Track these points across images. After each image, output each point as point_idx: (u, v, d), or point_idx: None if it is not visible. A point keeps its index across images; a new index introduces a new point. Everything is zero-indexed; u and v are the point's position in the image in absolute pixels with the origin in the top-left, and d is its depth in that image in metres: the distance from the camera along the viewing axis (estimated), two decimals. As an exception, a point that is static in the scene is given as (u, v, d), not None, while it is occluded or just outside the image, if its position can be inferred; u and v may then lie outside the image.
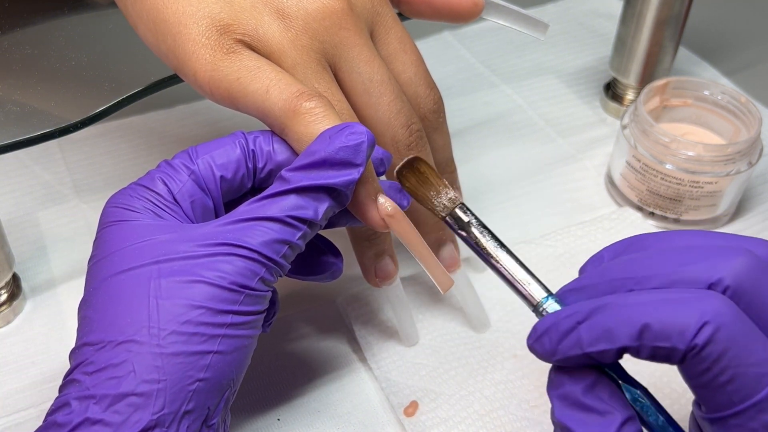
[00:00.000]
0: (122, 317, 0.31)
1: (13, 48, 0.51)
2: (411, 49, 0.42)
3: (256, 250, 0.33)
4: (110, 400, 0.30)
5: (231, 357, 0.32)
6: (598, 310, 0.30)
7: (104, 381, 0.30)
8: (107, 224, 0.34)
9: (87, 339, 0.32)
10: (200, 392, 0.31)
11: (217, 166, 0.36)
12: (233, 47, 0.37)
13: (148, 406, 0.30)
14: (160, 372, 0.30)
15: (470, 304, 0.45)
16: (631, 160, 0.52)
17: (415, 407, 0.42)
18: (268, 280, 0.33)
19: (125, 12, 0.40)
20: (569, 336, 0.30)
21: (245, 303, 0.32)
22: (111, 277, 0.32)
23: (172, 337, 0.31)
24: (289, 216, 0.33)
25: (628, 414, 0.30)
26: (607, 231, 0.51)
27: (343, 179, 0.34)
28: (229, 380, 0.32)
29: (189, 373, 0.31)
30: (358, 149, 0.34)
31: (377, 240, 0.41)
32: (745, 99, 0.53)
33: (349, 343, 0.46)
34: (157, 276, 0.32)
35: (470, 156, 0.58)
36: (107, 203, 0.35)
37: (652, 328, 0.28)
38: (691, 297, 0.29)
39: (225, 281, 0.32)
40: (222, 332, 0.32)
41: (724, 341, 0.28)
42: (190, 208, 0.35)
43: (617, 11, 0.60)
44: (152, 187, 0.35)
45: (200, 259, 0.32)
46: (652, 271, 0.31)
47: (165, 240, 0.33)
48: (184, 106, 0.61)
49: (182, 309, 0.31)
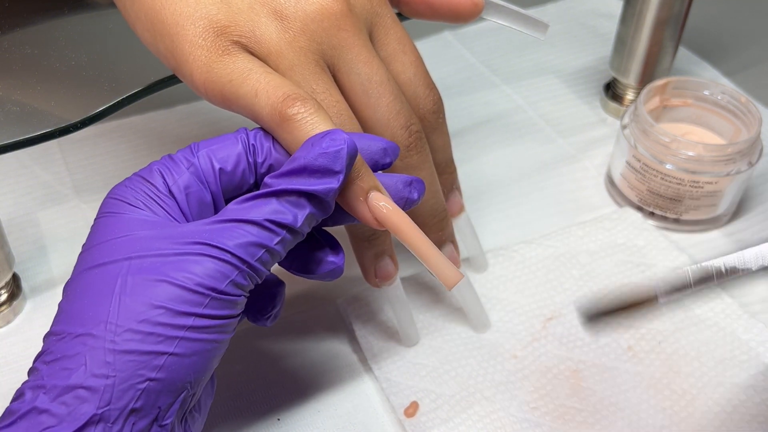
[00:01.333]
0: (86, 310, 0.31)
1: (13, 48, 0.51)
2: (410, 50, 0.42)
3: (229, 251, 0.32)
4: (59, 390, 0.30)
5: (189, 360, 0.32)
6: None
7: (57, 371, 0.31)
8: (100, 215, 0.35)
9: (53, 328, 0.32)
10: (150, 392, 0.31)
11: (217, 159, 0.36)
12: (229, 49, 0.37)
13: (94, 400, 0.30)
14: (110, 368, 0.30)
15: (470, 305, 0.45)
16: (631, 160, 0.52)
17: (416, 408, 0.42)
18: (240, 284, 0.33)
19: (124, 12, 0.40)
20: None
21: (211, 306, 0.32)
22: (86, 270, 0.33)
23: (127, 335, 0.31)
24: (267, 220, 0.33)
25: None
26: (608, 231, 0.51)
27: (323, 187, 0.34)
28: (186, 383, 0.32)
29: (140, 371, 0.31)
30: (336, 156, 0.34)
31: (377, 240, 0.41)
32: (745, 99, 0.53)
33: (349, 343, 0.46)
34: (126, 272, 0.32)
35: (470, 156, 0.58)
36: (108, 193, 0.35)
37: None
38: None
39: (191, 282, 0.32)
40: (181, 334, 0.31)
41: None
42: (185, 201, 0.35)
43: (617, 11, 0.60)
44: (149, 178, 0.35)
45: (170, 257, 0.32)
46: None
47: (143, 236, 0.33)
48: (184, 106, 0.61)
49: (142, 307, 0.31)
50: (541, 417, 0.41)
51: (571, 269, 0.49)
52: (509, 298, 0.47)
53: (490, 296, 0.47)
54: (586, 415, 0.42)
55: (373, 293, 0.47)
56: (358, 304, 0.47)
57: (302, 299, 0.48)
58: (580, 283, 0.48)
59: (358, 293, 0.47)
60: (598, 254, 0.50)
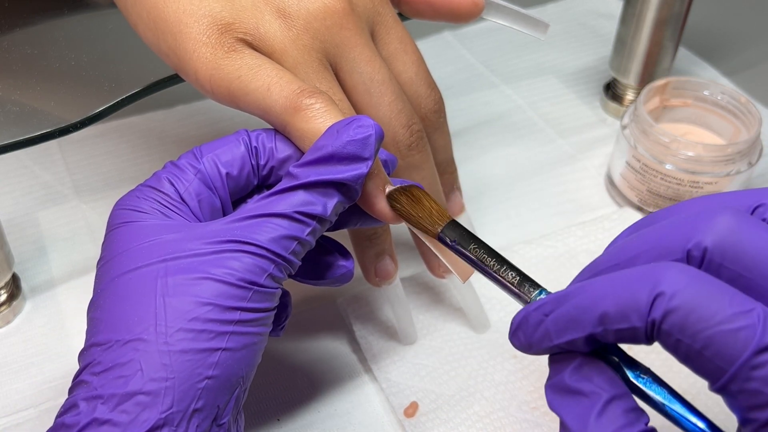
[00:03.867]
0: (129, 316, 0.31)
1: (13, 48, 0.51)
2: (412, 50, 0.42)
3: (264, 247, 0.32)
4: (118, 399, 0.30)
5: (240, 354, 0.32)
6: (562, 299, 0.29)
7: (111, 380, 0.30)
8: (115, 226, 0.34)
9: (95, 339, 0.31)
10: (209, 390, 0.31)
11: (222, 163, 0.36)
12: (234, 46, 0.37)
13: (156, 405, 0.30)
14: (168, 370, 0.30)
15: (470, 305, 0.45)
16: (631, 160, 0.52)
17: (415, 408, 0.42)
18: (277, 276, 0.33)
19: (125, 12, 0.40)
20: (539, 329, 0.30)
21: (254, 300, 0.32)
22: (118, 277, 0.32)
23: (179, 335, 0.30)
24: (297, 212, 0.33)
25: (616, 392, 0.28)
26: (608, 231, 0.51)
27: (352, 173, 0.34)
28: (239, 377, 0.32)
29: (198, 370, 0.30)
30: (366, 142, 0.34)
31: (377, 240, 0.41)
32: (745, 99, 0.53)
33: (349, 343, 0.46)
34: (164, 274, 0.31)
35: (470, 156, 0.58)
36: (115, 206, 0.35)
37: (610, 311, 0.27)
38: (641, 271, 0.27)
39: (233, 278, 0.32)
40: (230, 329, 0.31)
41: (684, 308, 0.26)
42: (198, 207, 0.35)
43: (617, 11, 0.60)
44: (159, 187, 0.35)
45: (207, 257, 0.32)
46: (633, 252, 0.30)
47: (172, 239, 0.33)
48: (184, 106, 0.61)
49: (190, 306, 0.31)
50: (541, 417, 0.41)
51: (571, 269, 0.49)
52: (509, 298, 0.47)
53: (490, 296, 0.47)
54: (586, 415, 0.42)
55: (373, 293, 0.47)
56: (358, 304, 0.47)
57: (302, 299, 0.48)
58: (580, 283, 0.48)
59: (357, 293, 0.47)
60: (598, 254, 0.50)
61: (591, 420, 0.28)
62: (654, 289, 0.27)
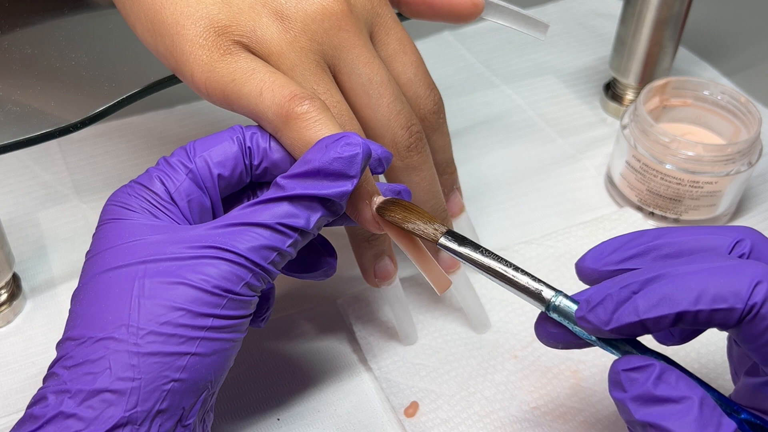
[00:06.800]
0: (104, 314, 0.32)
1: (13, 48, 0.51)
2: (411, 50, 0.42)
3: (243, 255, 0.33)
4: (85, 395, 0.30)
5: (210, 359, 0.32)
6: (653, 280, 0.31)
7: (81, 376, 0.31)
8: (104, 221, 0.35)
9: (70, 333, 0.32)
10: (175, 392, 0.31)
11: (215, 164, 0.36)
12: (230, 48, 0.37)
13: (121, 403, 0.30)
14: (135, 371, 0.31)
15: (470, 305, 0.45)
16: (631, 160, 0.52)
17: (416, 408, 0.42)
18: (254, 285, 0.33)
19: (123, 13, 0.40)
20: (625, 305, 0.31)
21: (228, 307, 0.32)
22: (99, 274, 0.33)
23: (150, 337, 0.31)
24: (279, 223, 0.33)
25: (702, 392, 0.30)
26: (608, 231, 0.51)
27: (337, 190, 0.34)
28: (207, 382, 0.33)
29: (164, 373, 0.31)
30: (352, 161, 0.34)
31: (376, 241, 0.41)
32: (745, 99, 0.53)
33: (349, 343, 0.46)
34: (142, 276, 0.32)
35: (470, 156, 0.58)
36: (108, 200, 0.36)
37: (709, 291, 0.30)
38: (738, 263, 0.31)
39: (208, 284, 0.32)
40: (201, 335, 0.32)
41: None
42: (187, 208, 0.35)
43: (617, 11, 0.60)
44: (150, 186, 0.35)
45: (186, 261, 0.32)
46: (676, 248, 0.33)
47: (155, 241, 0.33)
48: (184, 106, 0.61)
49: (163, 310, 0.31)
50: (541, 417, 0.41)
51: (572, 269, 0.49)
52: (509, 298, 0.47)
53: (490, 296, 0.47)
54: (586, 415, 0.42)
55: (373, 293, 0.47)
56: (358, 305, 0.47)
57: (302, 299, 0.48)
58: (581, 283, 0.48)
59: (357, 293, 0.47)
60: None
61: (694, 424, 0.30)
62: (754, 277, 0.30)
